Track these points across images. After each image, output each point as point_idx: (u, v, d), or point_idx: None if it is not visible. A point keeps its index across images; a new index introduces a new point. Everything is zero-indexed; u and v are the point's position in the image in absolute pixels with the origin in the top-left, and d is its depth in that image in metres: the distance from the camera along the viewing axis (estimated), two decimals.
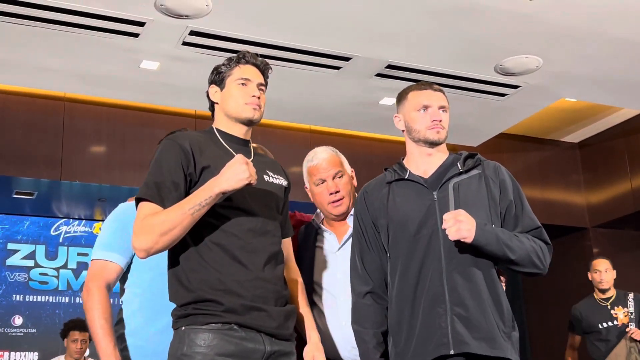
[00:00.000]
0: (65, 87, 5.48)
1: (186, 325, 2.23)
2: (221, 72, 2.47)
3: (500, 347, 2.39)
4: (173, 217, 2.19)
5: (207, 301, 2.23)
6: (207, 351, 2.18)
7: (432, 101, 2.60)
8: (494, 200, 2.54)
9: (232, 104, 2.44)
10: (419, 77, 5.41)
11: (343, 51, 5.02)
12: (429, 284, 2.44)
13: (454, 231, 2.38)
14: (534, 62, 5.23)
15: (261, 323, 2.25)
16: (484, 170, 2.58)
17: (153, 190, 2.26)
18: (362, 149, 6.50)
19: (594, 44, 4.98)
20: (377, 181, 2.68)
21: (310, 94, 5.72)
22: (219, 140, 2.43)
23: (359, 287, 2.59)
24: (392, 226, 2.54)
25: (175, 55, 4.94)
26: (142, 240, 2.21)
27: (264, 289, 2.28)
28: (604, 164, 7.22)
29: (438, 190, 2.53)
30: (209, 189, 2.20)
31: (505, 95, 5.81)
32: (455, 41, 4.92)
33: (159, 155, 2.34)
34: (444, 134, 2.60)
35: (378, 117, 6.22)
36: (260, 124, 2.61)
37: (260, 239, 2.33)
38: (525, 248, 2.47)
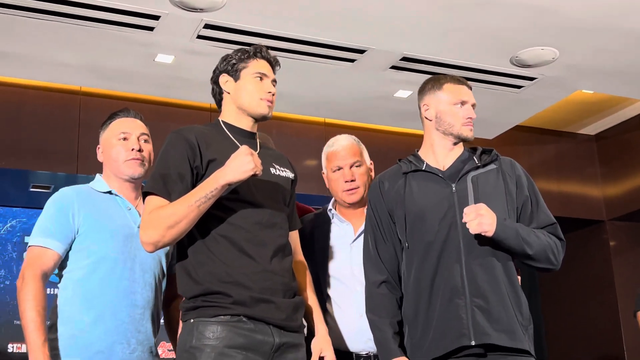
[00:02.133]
0: (80, 81, 5.50)
1: (195, 318, 2.24)
2: (235, 62, 2.45)
3: (520, 339, 2.40)
4: (179, 210, 2.20)
5: (215, 293, 2.23)
6: (216, 343, 2.18)
7: (470, 98, 2.64)
8: (510, 195, 2.55)
9: (246, 98, 2.43)
10: (434, 70, 5.38)
11: (358, 44, 5.01)
12: (447, 275, 2.45)
13: (475, 224, 2.39)
14: (550, 53, 5.19)
15: (270, 315, 2.26)
16: (500, 165, 2.60)
17: (159, 183, 2.27)
18: (377, 142, 6.48)
19: (611, 35, 4.94)
20: (392, 172, 2.68)
21: (325, 87, 5.71)
22: (226, 133, 2.43)
23: (373, 277, 2.59)
24: (410, 217, 2.54)
25: (190, 49, 4.95)
26: (150, 234, 2.22)
27: (272, 281, 2.29)
28: (620, 156, 7.17)
29: (457, 182, 2.54)
30: (215, 181, 2.21)
31: (521, 88, 5.78)
32: (471, 33, 4.89)
33: (165, 149, 2.35)
34: (473, 131, 2.66)
35: (393, 110, 6.20)
36: (275, 117, 2.61)
37: (268, 232, 2.33)
38: (542, 244, 2.48)
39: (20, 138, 5.38)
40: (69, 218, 2.51)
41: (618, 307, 6.82)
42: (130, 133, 2.70)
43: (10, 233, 5.97)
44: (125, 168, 2.66)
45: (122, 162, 2.66)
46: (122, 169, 2.66)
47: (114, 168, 2.68)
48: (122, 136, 2.69)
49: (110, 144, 2.69)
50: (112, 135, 2.70)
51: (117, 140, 2.68)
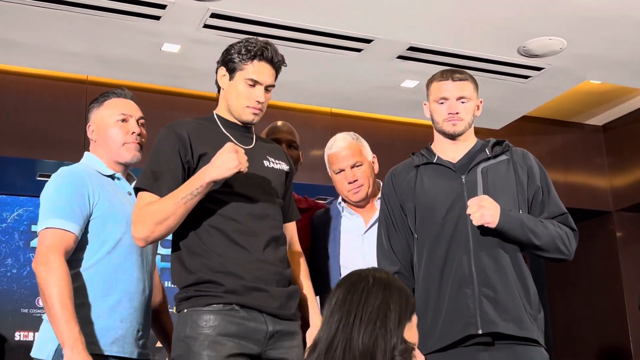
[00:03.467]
0: (86, 70, 5.49)
1: (188, 308, 2.27)
2: (234, 59, 2.42)
3: (527, 328, 2.43)
4: (166, 207, 2.24)
5: (207, 283, 2.26)
6: (209, 332, 2.21)
7: (450, 92, 2.62)
8: (521, 185, 2.57)
9: (234, 101, 2.44)
10: (440, 60, 5.37)
11: (365, 33, 4.99)
12: (456, 265, 2.49)
13: (477, 216, 2.42)
14: (558, 43, 5.17)
15: (262, 303, 2.27)
16: (512, 156, 2.62)
17: (150, 179, 2.31)
18: (384, 132, 6.47)
19: (619, 25, 4.91)
20: (405, 165, 2.72)
21: (332, 76, 5.70)
22: (219, 127, 2.44)
23: (386, 268, 2.61)
24: (420, 209, 2.58)
25: (197, 38, 4.94)
26: (139, 229, 2.27)
27: (265, 271, 2.31)
28: (628, 147, 7.14)
29: (466, 174, 2.57)
30: (200, 178, 2.24)
31: (529, 78, 5.76)
32: (478, 23, 4.87)
33: (156, 145, 2.37)
34: (462, 125, 2.62)
35: (400, 100, 6.18)
36: (280, 107, 2.64)
37: (260, 223, 2.35)
38: (551, 234, 2.50)
39: (27, 127, 5.38)
40: (85, 200, 2.45)
41: (624, 298, 6.80)
42: (130, 115, 2.63)
43: (17, 222, 5.99)
44: (125, 152, 2.60)
45: (121, 145, 2.60)
46: (121, 153, 2.60)
47: (111, 150, 2.60)
48: (120, 117, 2.61)
49: (106, 124, 2.61)
50: (109, 114, 2.61)
51: (114, 121, 2.61)
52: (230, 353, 2.20)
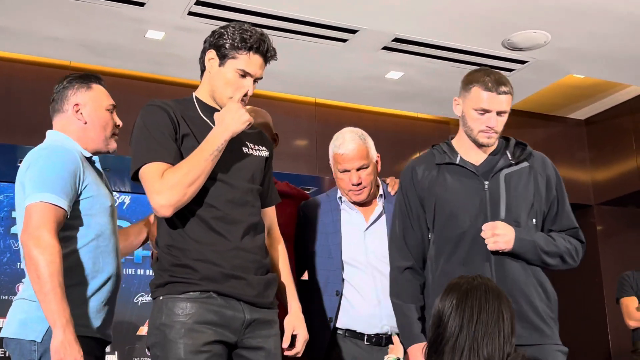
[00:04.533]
0: (70, 56, 5.45)
1: (164, 295, 2.24)
2: (227, 45, 2.36)
3: (548, 334, 2.50)
4: (197, 166, 2.21)
5: (185, 269, 2.23)
6: (186, 320, 2.19)
7: (493, 106, 2.54)
8: (539, 196, 2.59)
9: (220, 89, 2.38)
10: (426, 51, 5.38)
11: (350, 24, 4.99)
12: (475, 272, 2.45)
13: (491, 242, 2.45)
14: (542, 37, 5.19)
15: (240, 291, 2.26)
16: (532, 162, 2.62)
17: (154, 151, 2.25)
18: (368, 123, 6.45)
19: (603, 20, 4.93)
20: (425, 159, 2.70)
21: (317, 66, 5.69)
22: (197, 112, 2.40)
23: (398, 262, 2.64)
24: (441, 210, 2.57)
25: (181, 26, 4.92)
26: (169, 196, 2.19)
27: (243, 259, 2.29)
28: (610, 141, 7.19)
29: (490, 180, 2.56)
30: (220, 134, 2.25)
31: (513, 71, 5.78)
32: (463, 15, 4.88)
33: (145, 121, 2.31)
34: (495, 137, 2.60)
35: (384, 91, 6.19)
36: (265, 96, 2.62)
37: (239, 210, 2.33)
38: (561, 252, 2.56)
39: (9, 113, 5.34)
40: (76, 180, 2.41)
41: (603, 291, 6.87)
42: (115, 105, 2.65)
43: None
44: (112, 142, 2.62)
45: (110, 135, 2.61)
46: (109, 142, 2.61)
47: (99, 136, 2.58)
48: (111, 107, 2.63)
49: (99, 108, 2.59)
50: (103, 101, 2.61)
51: (105, 110, 2.60)
52: (208, 341, 2.18)
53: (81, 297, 2.38)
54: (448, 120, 7.09)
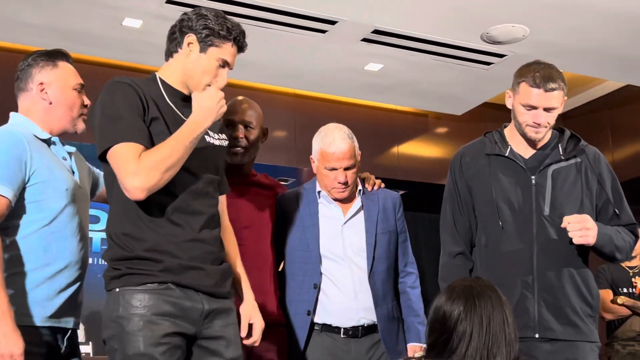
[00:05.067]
0: (46, 43, 5.34)
1: (120, 287, 2.19)
2: (210, 33, 2.30)
3: (584, 332, 2.52)
4: (176, 151, 2.16)
5: (143, 260, 2.19)
6: (144, 312, 2.15)
7: (540, 102, 2.56)
8: (590, 192, 2.61)
9: (198, 76, 2.32)
10: (405, 44, 5.38)
11: (329, 15, 4.96)
12: (518, 266, 2.54)
13: (579, 236, 2.46)
14: (521, 31, 5.20)
15: (198, 282, 2.23)
16: (583, 159, 2.64)
17: (127, 131, 2.17)
18: (346, 114, 6.47)
19: (581, 15, 4.96)
20: (476, 147, 2.73)
21: (296, 57, 5.67)
22: (162, 94, 2.32)
23: (451, 247, 2.69)
24: (487, 201, 2.62)
25: (159, 14, 4.86)
26: (145, 179, 2.13)
27: (201, 250, 2.26)
28: (586, 135, 7.12)
29: (537, 174, 2.59)
30: (202, 121, 2.22)
31: (491, 64, 5.79)
32: (443, 8, 4.88)
33: (114, 98, 2.22)
34: (544, 132, 2.62)
35: (363, 83, 6.18)
36: (243, 87, 2.59)
37: (201, 201, 2.29)
38: (626, 246, 2.60)
39: None
40: (22, 166, 2.32)
41: None
42: (83, 85, 2.55)
43: None
44: (80, 122, 2.53)
45: (77, 115, 2.52)
46: (77, 123, 2.52)
47: (64, 116, 2.49)
48: (79, 86, 2.53)
49: (65, 87, 2.51)
50: (70, 79, 2.52)
51: (72, 90, 2.52)
52: (166, 332, 2.14)
53: (29, 285, 2.31)
54: (427, 112, 7.11)
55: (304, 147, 6.45)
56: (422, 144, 7.15)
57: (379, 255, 2.91)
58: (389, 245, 2.96)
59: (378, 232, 2.94)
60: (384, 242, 2.94)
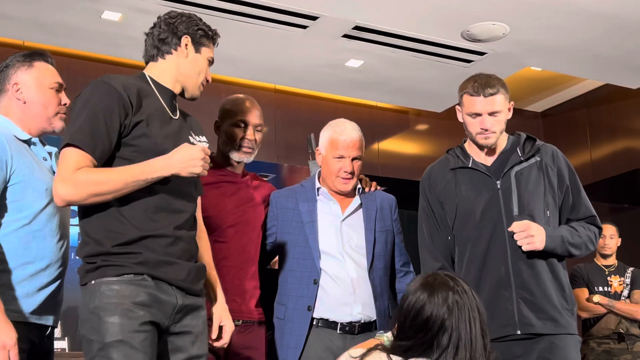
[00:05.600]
0: (24, 35, 5.33)
1: (96, 279, 2.18)
2: (202, 35, 2.44)
3: (563, 325, 2.61)
4: (113, 183, 2.15)
5: (119, 254, 2.19)
6: (120, 300, 2.14)
7: (482, 108, 2.67)
8: (552, 188, 2.72)
9: (192, 75, 2.42)
10: (386, 40, 5.38)
11: (310, 10, 4.96)
12: (493, 268, 2.64)
13: (526, 244, 2.57)
14: (501, 29, 5.23)
15: (173, 276, 2.24)
16: (542, 157, 2.74)
17: (87, 138, 2.17)
18: (327, 110, 6.47)
19: (561, 14, 4.99)
20: (441, 165, 2.85)
21: (276, 53, 5.65)
22: (154, 92, 2.36)
23: (430, 264, 2.76)
24: (459, 212, 2.71)
25: (139, 7, 4.83)
26: (71, 192, 2.15)
27: (178, 248, 2.27)
28: (565, 134, 7.29)
29: (501, 179, 2.70)
30: (160, 169, 2.18)
31: (471, 62, 5.82)
32: (424, 5, 4.89)
33: (94, 99, 2.23)
34: (494, 137, 2.71)
35: (344, 79, 6.18)
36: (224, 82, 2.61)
37: (182, 201, 2.31)
38: (584, 241, 2.69)
39: None
40: (3, 166, 2.34)
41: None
42: (62, 84, 2.56)
43: None
44: (57, 121, 2.53)
45: (53, 114, 2.52)
46: (53, 121, 2.52)
47: (41, 116, 2.50)
48: (56, 85, 2.54)
49: (42, 88, 2.51)
50: (44, 78, 2.52)
51: (48, 89, 2.52)
52: (144, 321, 2.14)
53: (10, 282, 2.33)
54: (407, 109, 7.12)
55: (284, 142, 6.45)
56: (402, 141, 7.17)
57: (377, 252, 2.95)
58: (386, 244, 3.01)
59: (377, 230, 2.98)
60: (381, 241, 2.99)
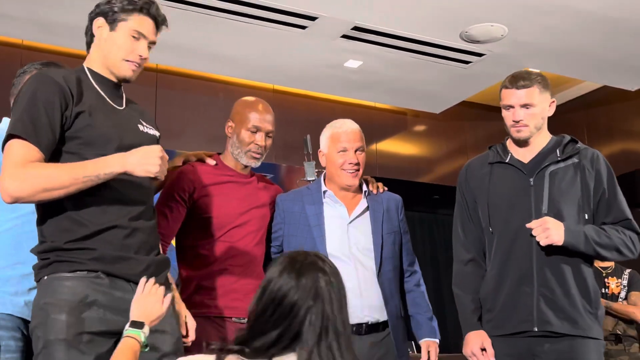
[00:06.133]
0: (23, 34, 5.33)
1: (49, 275, 2.12)
2: (116, 10, 2.28)
3: (582, 326, 2.60)
4: (62, 178, 2.06)
5: (73, 250, 2.13)
6: (72, 298, 2.07)
7: (514, 100, 2.74)
8: (587, 189, 2.71)
9: (113, 53, 2.29)
10: (384, 41, 5.39)
11: (309, 10, 4.96)
12: (518, 263, 2.66)
13: (543, 238, 2.57)
14: (500, 30, 5.24)
15: (128, 271, 2.18)
16: (581, 159, 2.75)
17: (29, 128, 2.09)
18: (325, 111, 6.47)
19: (559, 15, 5.00)
20: (480, 159, 2.90)
21: (275, 53, 5.65)
22: (91, 83, 2.27)
23: (461, 255, 2.83)
24: (490, 205, 2.76)
25: None
26: (18, 187, 2.04)
27: (135, 240, 2.21)
28: None
29: (535, 176, 2.73)
30: (114, 164, 2.10)
31: (469, 63, 5.82)
32: (423, 6, 4.90)
33: (34, 90, 2.15)
34: (527, 131, 2.76)
35: (343, 80, 6.18)
36: (222, 81, 2.57)
37: (134, 191, 2.24)
38: (614, 243, 2.66)
39: None
40: None
41: None
42: None
43: None
44: None
45: None
46: None
47: None
48: None
49: None
50: None
51: None
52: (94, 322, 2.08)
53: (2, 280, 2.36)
54: (405, 110, 7.13)
55: (282, 142, 6.44)
56: (400, 142, 7.18)
57: (386, 255, 2.95)
58: (394, 246, 3.01)
59: (384, 232, 2.98)
60: (389, 243, 2.99)
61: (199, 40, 5.28)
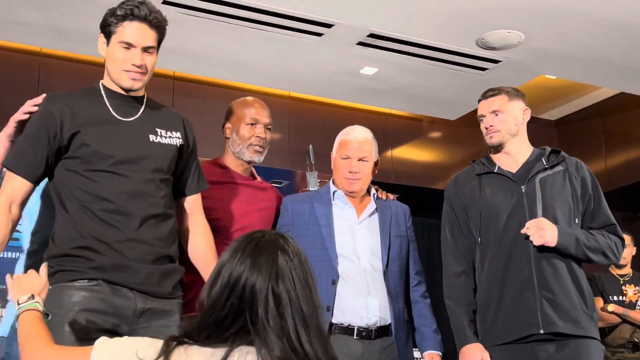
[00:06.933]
0: (41, 42, 5.38)
1: (52, 284, 2.16)
2: (109, 23, 2.36)
3: (584, 327, 2.67)
4: None
5: (73, 257, 2.19)
6: (71, 307, 2.13)
7: (484, 110, 2.89)
8: (576, 196, 2.80)
9: (112, 68, 2.37)
10: (400, 48, 5.39)
11: (325, 18, 4.98)
12: (517, 269, 2.71)
13: (537, 237, 2.65)
14: (516, 37, 5.22)
15: (127, 280, 2.21)
16: (567, 166, 2.84)
17: (14, 158, 2.30)
18: (341, 118, 6.48)
19: (576, 22, 4.98)
20: (467, 172, 2.97)
21: (291, 60, 5.67)
22: (102, 97, 2.36)
23: (453, 267, 2.87)
24: (483, 216, 2.81)
25: None
26: None
27: (138, 251, 2.24)
28: (579, 142, 7.27)
29: (526, 184, 2.79)
30: None
31: (486, 70, 5.81)
32: (439, 13, 4.90)
33: (36, 122, 2.33)
34: (498, 136, 2.86)
35: (358, 87, 6.19)
36: (238, 89, 2.60)
37: (134, 202, 2.27)
38: (601, 247, 2.75)
39: None
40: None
41: None
42: None
43: None
44: None
45: None
46: None
47: None
48: None
49: None
50: None
51: None
52: (95, 329, 2.12)
53: None
54: (421, 117, 7.12)
55: (298, 149, 6.46)
56: (416, 149, 7.17)
57: (393, 255, 2.97)
58: (401, 249, 3.02)
59: (392, 234, 3.01)
60: (396, 245, 3.01)
61: (216, 48, 5.31)
